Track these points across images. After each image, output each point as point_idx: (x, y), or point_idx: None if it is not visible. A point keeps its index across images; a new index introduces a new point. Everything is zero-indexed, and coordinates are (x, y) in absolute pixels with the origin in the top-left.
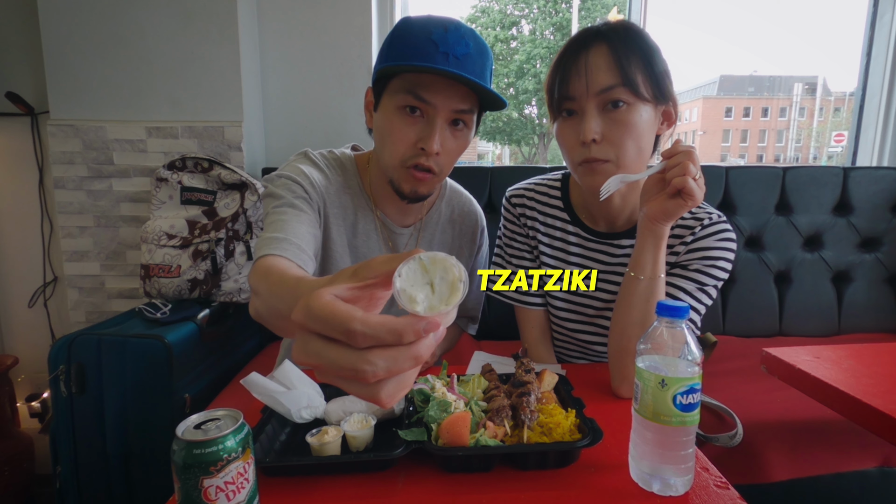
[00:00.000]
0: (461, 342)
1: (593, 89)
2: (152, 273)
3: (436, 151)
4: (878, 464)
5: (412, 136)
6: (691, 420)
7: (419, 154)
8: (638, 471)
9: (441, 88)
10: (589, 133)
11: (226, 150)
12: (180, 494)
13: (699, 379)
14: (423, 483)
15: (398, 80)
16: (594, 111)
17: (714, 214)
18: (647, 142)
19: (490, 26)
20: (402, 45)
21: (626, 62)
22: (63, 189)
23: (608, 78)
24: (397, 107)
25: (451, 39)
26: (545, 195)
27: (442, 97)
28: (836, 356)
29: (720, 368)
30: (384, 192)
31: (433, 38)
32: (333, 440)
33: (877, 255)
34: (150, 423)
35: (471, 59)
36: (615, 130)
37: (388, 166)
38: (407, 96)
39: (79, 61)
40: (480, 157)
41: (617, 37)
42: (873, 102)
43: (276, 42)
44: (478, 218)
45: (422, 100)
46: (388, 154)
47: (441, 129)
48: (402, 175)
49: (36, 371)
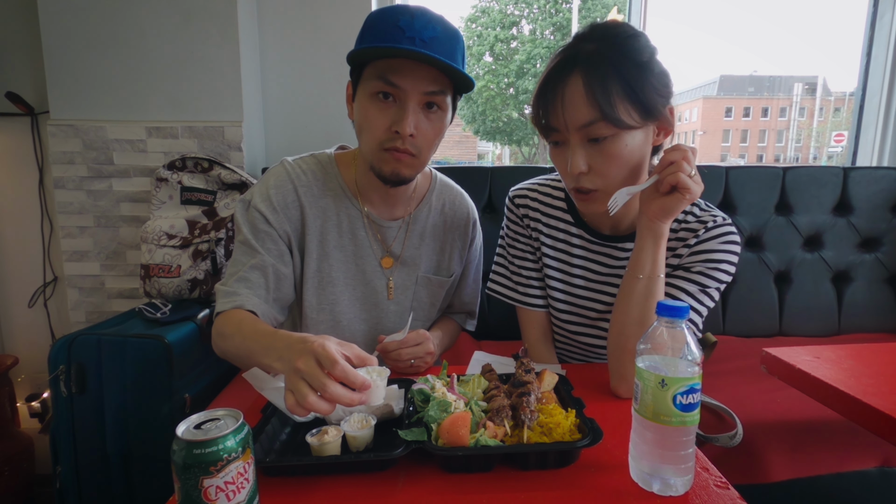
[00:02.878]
0: (461, 342)
1: (573, 126)
2: (152, 273)
3: (410, 133)
4: (878, 464)
5: (386, 120)
6: (691, 420)
7: (394, 137)
8: (638, 471)
9: (410, 72)
10: (576, 168)
11: (226, 150)
12: (180, 494)
13: (699, 379)
14: (422, 483)
15: (370, 69)
16: (578, 144)
17: (719, 217)
18: (638, 162)
19: (490, 26)
20: (370, 34)
21: (603, 95)
22: (63, 189)
23: (587, 114)
24: (370, 94)
25: (417, 25)
26: (548, 195)
27: (411, 80)
28: (836, 356)
29: (720, 368)
30: (371, 185)
31: (400, 24)
32: (333, 440)
33: (877, 255)
34: (150, 423)
35: (438, 41)
36: (600, 162)
37: (367, 152)
38: (378, 82)
39: (79, 61)
40: (480, 157)
41: (593, 65)
42: (873, 102)
43: (276, 42)
44: (469, 210)
45: (392, 84)
46: (365, 140)
47: (414, 112)
48: (380, 157)
49: (36, 371)
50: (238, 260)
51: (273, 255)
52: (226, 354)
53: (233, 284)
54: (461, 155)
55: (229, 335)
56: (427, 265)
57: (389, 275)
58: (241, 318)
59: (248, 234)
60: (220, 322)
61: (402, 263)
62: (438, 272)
